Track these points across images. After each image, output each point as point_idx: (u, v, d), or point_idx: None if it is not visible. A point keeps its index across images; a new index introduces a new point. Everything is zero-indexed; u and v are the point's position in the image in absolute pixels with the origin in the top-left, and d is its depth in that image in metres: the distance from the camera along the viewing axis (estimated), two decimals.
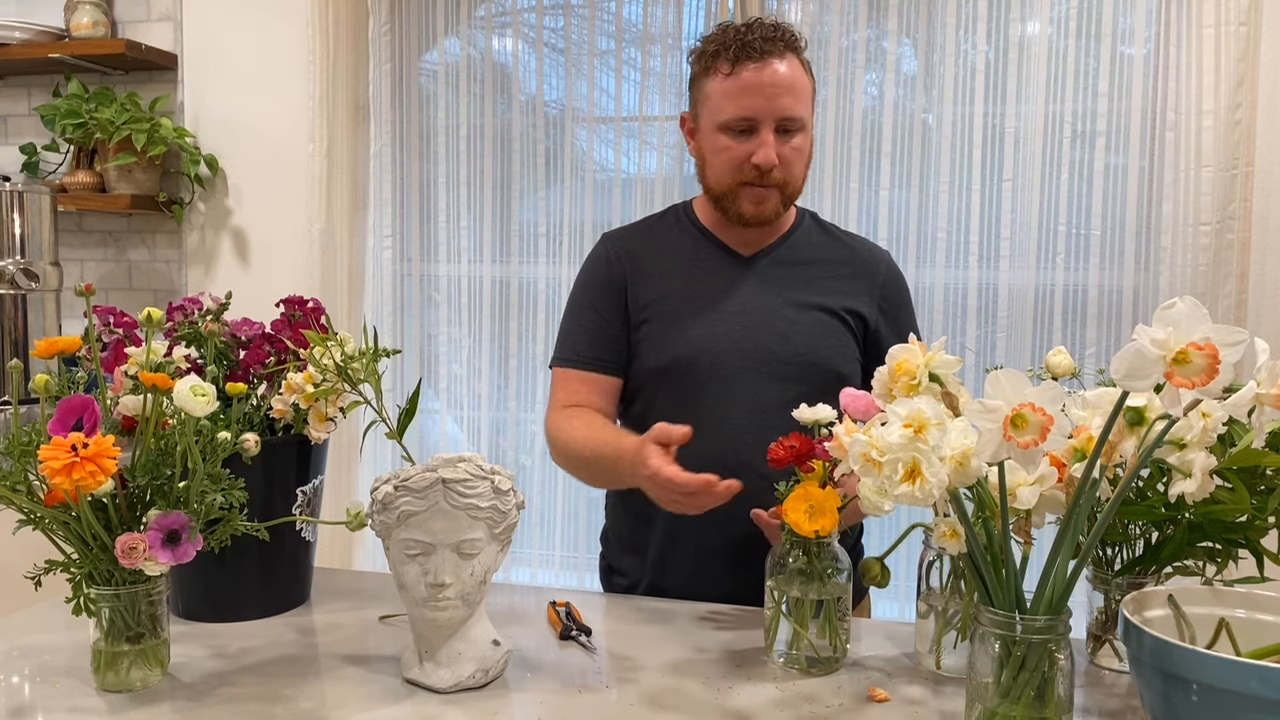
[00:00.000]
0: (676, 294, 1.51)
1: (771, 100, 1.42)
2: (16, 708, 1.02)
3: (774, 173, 1.44)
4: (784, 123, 1.43)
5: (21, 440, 0.98)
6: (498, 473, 1.05)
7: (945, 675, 1.10)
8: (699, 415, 1.42)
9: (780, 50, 1.43)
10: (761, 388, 1.45)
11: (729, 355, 1.46)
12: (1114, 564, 1.12)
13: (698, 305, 1.50)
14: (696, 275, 1.52)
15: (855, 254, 1.56)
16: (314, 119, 2.64)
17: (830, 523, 1.08)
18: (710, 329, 1.48)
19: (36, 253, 2.52)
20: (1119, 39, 2.29)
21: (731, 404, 1.46)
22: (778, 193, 1.47)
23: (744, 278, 1.52)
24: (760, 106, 1.42)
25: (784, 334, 1.47)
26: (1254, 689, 0.78)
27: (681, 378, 1.48)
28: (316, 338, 1.16)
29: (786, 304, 1.49)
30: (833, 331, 1.49)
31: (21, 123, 2.96)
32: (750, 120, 1.43)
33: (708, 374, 1.47)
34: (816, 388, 1.43)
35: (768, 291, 1.50)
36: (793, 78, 1.43)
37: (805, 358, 1.46)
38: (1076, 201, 2.34)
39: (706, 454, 1.39)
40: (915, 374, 0.91)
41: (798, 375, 1.45)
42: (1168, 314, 0.78)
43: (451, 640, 1.06)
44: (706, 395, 1.46)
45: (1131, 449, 0.88)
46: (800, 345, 1.47)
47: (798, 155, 1.46)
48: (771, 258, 1.53)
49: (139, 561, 0.97)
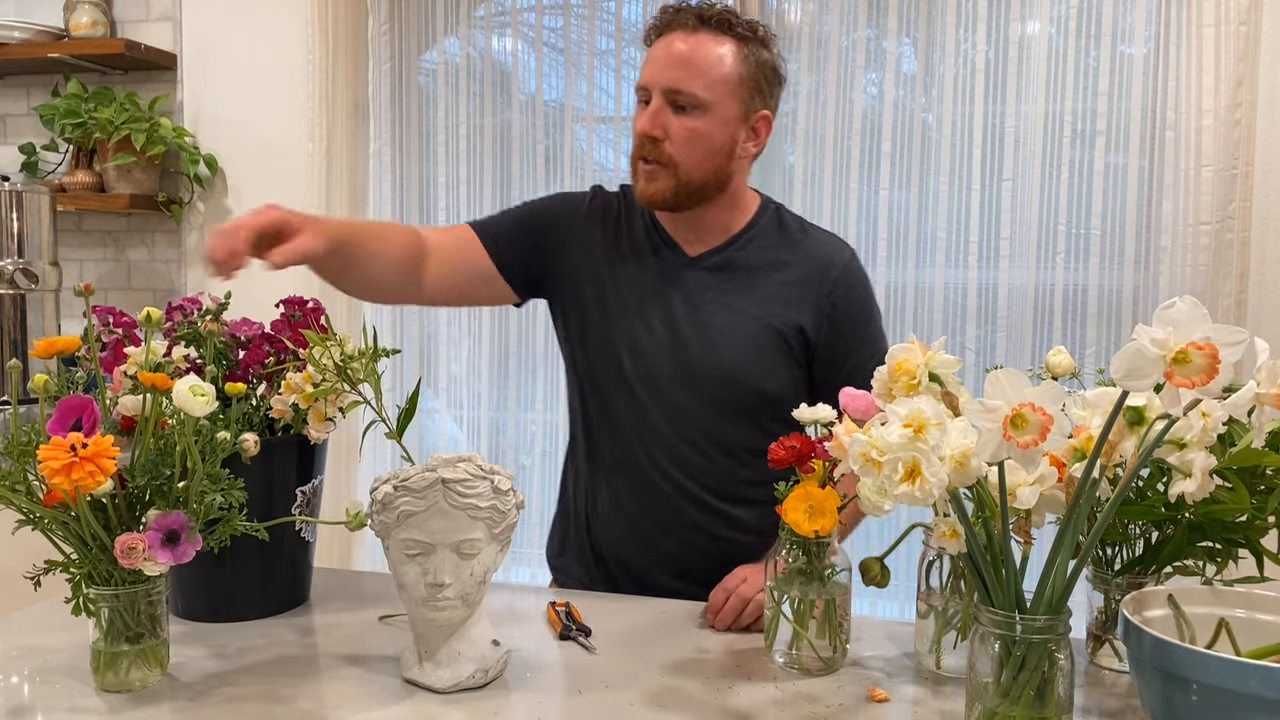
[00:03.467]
0: (613, 287, 1.47)
1: (661, 70, 1.36)
2: (16, 708, 1.02)
3: (662, 147, 1.37)
4: (672, 95, 1.36)
5: (21, 440, 0.98)
6: (497, 472, 1.05)
7: (945, 675, 1.10)
8: (621, 415, 1.46)
9: (689, 24, 1.36)
10: (684, 398, 1.43)
11: (653, 361, 1.43)
12: (1114, 564, 1.12)
13: (631, 304, 1.45)
14: (635, 271, 1.47)
15: (809, 257, 1.46)
16: (313, 119, 2.64)
17: (830, 523, 1.07)
18: (638, 332, 1.44)
19: (36, 253, 2.52)
20: (1119, 39, 2.29)
21: (652, 409, 1.44)
22: (669, 175, 1.38)
23: (683, 281, 1.45)
24: (650, 75, 1.37)
25: (713, 348, 1.42)
26: (1254, 689, 0.78)
27: (606, 376, 1.46)
28: (316, 338, 1.16)
29: (721, 315, 1.43)
30: (765, 349, 1.43)
31: (21, 122, 2.96)
32: (644, 89, 1.38)
33: (631, 376, 1.44)
34: (741, 404, 1.43)
35: (704, 300, 1.44)
36: (694, 53, 1.35)
37: (730, 376, 1.42)
38: (1076, 201, 2.34)
39: (624, 451, 1.46)
40: (915, 374, 0.91)
41: (721, 391, 1.42)
42: (1167, 314, 0.78)
43: (451, 640, 1.06)
44: (629, 397, 1.45)
45: (1131, 449, 0.88)
46: (726, 362, 1.42)
47: (692, 136, 1.36)
48: (716, 260, 1.46)
49: (138, 561, 0.96)
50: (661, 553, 1.46)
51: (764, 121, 1.43)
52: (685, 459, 1.44)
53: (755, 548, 1.40)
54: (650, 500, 1.45)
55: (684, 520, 1.45)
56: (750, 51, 1.38)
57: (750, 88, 1.39)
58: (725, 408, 1.43)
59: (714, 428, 1.44)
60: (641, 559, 1.47)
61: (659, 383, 1.43)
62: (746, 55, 1.38)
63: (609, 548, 1.50)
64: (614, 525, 1.49)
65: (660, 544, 1.46)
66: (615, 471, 1.48)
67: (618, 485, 1.48)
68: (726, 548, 1.42)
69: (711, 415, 1.43)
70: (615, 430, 1.47)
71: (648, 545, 1.46)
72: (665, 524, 1.45)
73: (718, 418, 1.43)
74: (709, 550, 1.44)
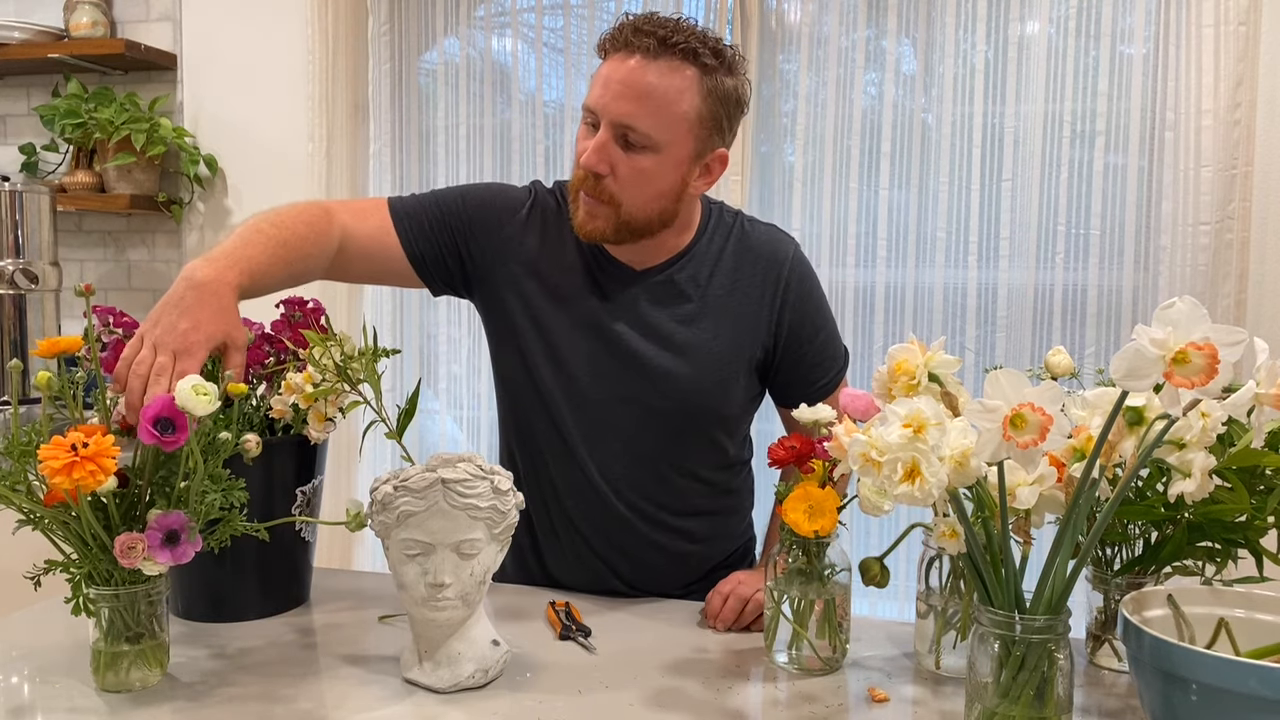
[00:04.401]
0: (553, 304, 1.37)
1: (614, 99, 1.22)
2: (16, 708, 1.02)
3: (605, 183, 1.26)
4: (624, 130, 1.23)
5: (21, 440, 0.98)
6: (497, 473, 1.05)
7: (945, 675, 1.10)
8: (571, 438, 1.38)
9: (652, 49, 1.22)
10: (636, 422, 1.36)
11: (604, 384, 1.35)
12: (1113, 564, 1.12)
13: (575, 322, 1.36)
14: (578, 288, 1.37)
15: (757, 257, 1.38)
16: (313, 119, 2.64)
17: (830, 523, 1.07)
18: (584, 353, 1.35)
19: (36, 253, 2.52)
20: (1118, 39, 2.30)
21: (603, 434, 1.36)
22: (610, 211, 1.27)
23: (629, 300, 1.36)
24: (601, 100, 1.24)
25: (664, 373, 1.34)
26: (1253, 689, 0.78)
27: (552, 398, 1.37)
28: (316, 338, 1.16)
29: (671, 334, 1.35)
30: (723, 364, 1.36)
31: (21, 123, 2.96)
32: (592, 111, 1.25)
33: (581, 399, 1.36)
34: (694, 427, 1.38)
35: (652, 320, 1.35)
36: (652, 86, 1.21)
37: (683, 401, 1.35)
38: (1076, 201, 2.34)
39: (576, 477, 1.38)
40: (915, 374, 0.91)
41: (674, 415, 1.36)
42: (1167, 314, 0.78)
43: (451, 640, 1.06)
44: (578, 420, 1.37)
45: (1131, 449, 0.88)
46: (680, 385, 1.34)
47: (640, 177, 1.25)
48: (664, 277, 1.37)
49: (138, 561, 0.97)
50: (612, 569, 1.41)
51: (719, 160, 1.31)
52: (639, 481, 1.38)
53: (703, 554, 1.43)
54: (603, 521, 1.39)
55: (640, 539, 1.40)
56: (714, 84, 1.25)
57: (709, 126, 1.27)
58: (682, 429, 1.37)
59: (669, 448, 1.38)
60: (591, 578, 1.41)
61: (611, 408, 1.36)
62: (710, 90, 1.25)
63: (558, 571, 1.44)
64: (561, 549, 1.42)
65: (612, 561, 1.41)
66: (566, 494, 1.40)
67: (568, 506, 1.40)
68: (675, 557, 1.43)
69: (667, 437, 1.37)
70: (562, 453, 1.38)
71: (601, 564, 1.41)
72: (620, 544, 1.40)
73: (673, 439, 1.37)
74: (658, 563, 1.42)
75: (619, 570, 1.41)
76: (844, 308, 2.49)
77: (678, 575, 1.44)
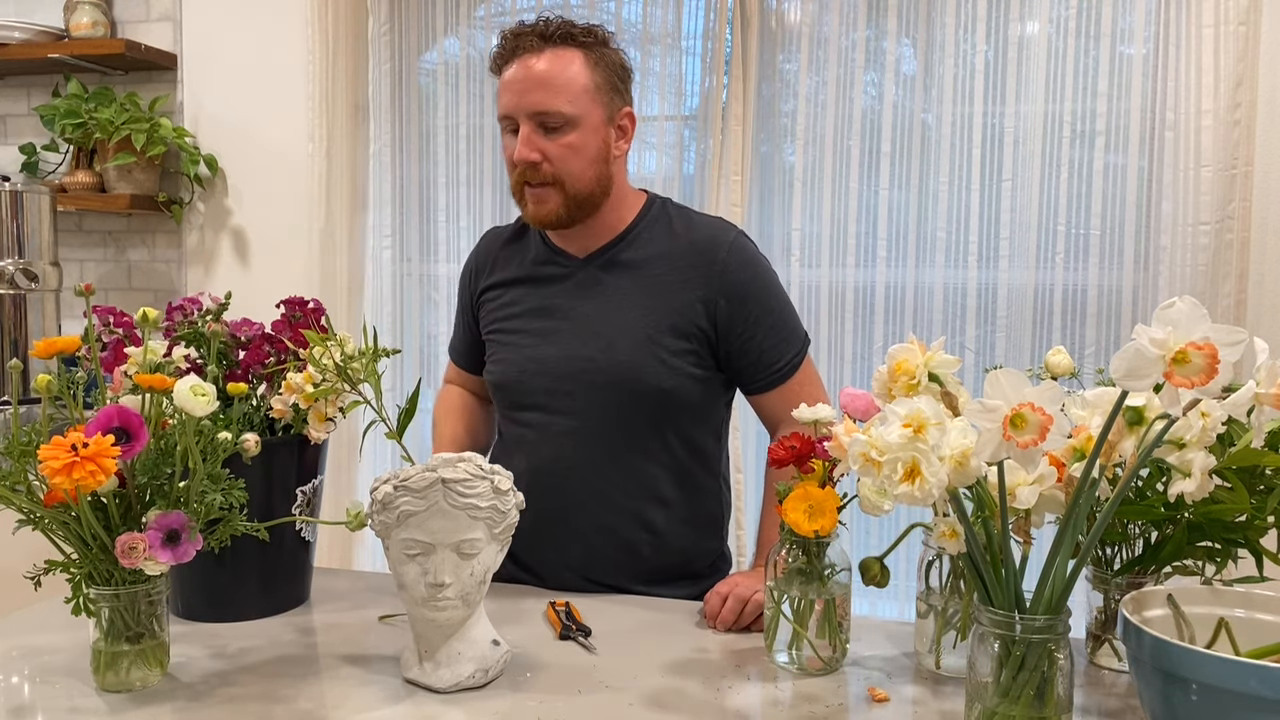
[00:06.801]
0: (513, 304, 1.52)
1: (522, 96, 1.38)
2: (16, 708, 1.02)
3: (542, 169, 1.39)
4: (540, 117, 1.38)
5: (21, 440, 0.98)
6: (497, 472, 1.05)
7: (945, 675, 1.10)
8: (529, 426, 1.48)
9: (534, 45, 1.38)
10: (586, 398, 1.44)
11: (553, 365, 1.45)
12: (1113, 564, 1.12)
13: (528, 316, 1.50)
14: (529, 284, 1.52)
15: (693, 247, 1.46)
16: (313, 119, 2.64)
17: (830, 523, 1.08)
18: (536, 341, 1.48)
19: (36, 253, 2.52)
20: (1118, 39, 2.30)
21: (557, 414, 1.45)
22: (556, 192, 1.41)
23: (574, 283, 1.49)
24: (512, 103, 1.39)
25: (607, 344, 1.43)
26: (1253, 689, 0.78)
27: (511, 390, 1.50)
28: (316, 338, 1.16)
29: (613, 312, 1.45)
30: (660, 343, 1.43)
31: (21, 123, 2.96)
32: (508, 118, 1.40)
33: (532, 385, 1.47)
34: (640, 401, 1.43)
35: (596, 298, 1.46)
36: (549, 72, 1.37)
37: (627, 371, 1.42)
38: (1076, 201, 2.34)
39: (536, 463, 1.46)
40: (915, 374, 0.91)
41: (620, 386, 1.42)
42: (1167, 313, 0.78)
43: (451, 640, 1.06)
44: (534, 406, 1.47)
45: (1131, 449, 0.88)
46: (621, 356, 1.42)
47: (569, 152, 1.39)
48: (604, 259, 1.48)
49: (139, 561, 0.97)
50: (568, 556, 1.44)
51: (628, 118, 1.46)
52: (594, 461, 1.44)
53: (657, 549, 1.45)
54: (560, 504, 1.44)
55: (595, 523, 1.44)
56: (598, 56, 1.41)
57: (608, 91, 1.42)
58: (629, 406, 1.43)
59: (619, 428, 1.44)
60: (548, 561, 1.45)
61: (562, 387, 1.44)
62: (596, 61, 1.41)
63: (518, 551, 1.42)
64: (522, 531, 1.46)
65: (568, 547, 1.45)
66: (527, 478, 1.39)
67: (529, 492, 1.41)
68: (632, 548, 1.45)
69: (614, 415, 1.43)
70: (524, 440, 1.48)
71: (557, 548, 1.45)
72: (576, 527, 1.44)
73: (623, 418, 1.43)
74: (613, 554, 1.44)
75: (574, 557, 1.44)
76: (844, 308, 2.49)
77: (631, 567, 1.44)
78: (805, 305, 2.50)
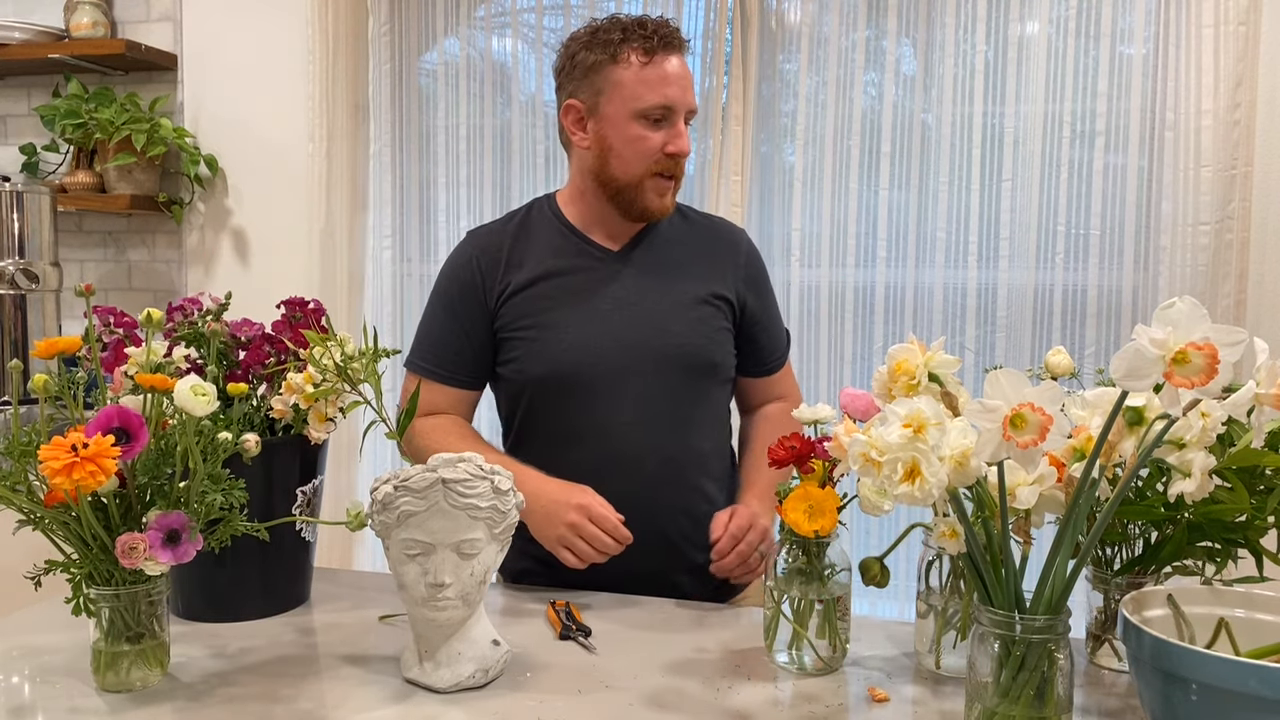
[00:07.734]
0: (549, 296, 1.48)
1: (685, 92, 1.45)
2: (16, 708, 1.02)
3: (681, 163, 1.47)
4: (689, 116, 1.47)
5: (21, 440, 0.98)
6: (497, 472, 1.05)
7: (945, 675, 1.10)
8: (587, 418, 1.47)
9: (678, 44, 1.46)
10: (645, 383, 1.46)
11: (609, 354, 1.46)
12: (1113, 564, 1.12)
13: (572, 307, 1.48)
14: (568, 275, 1.50)
15: (717, 235, 1.59)
16: (314, 119, 2.64)
17: (830, 523, 1.08)
18: (588, 330, 1.46)
19: (36, 253, 2.52)
20: (1118, 39, 2.30)
21: (618, 403, 1.45)
22: (676, 185, 1.49)
23: (616, 273, 1.51)
24: (677, 96, 1.44)
25: (660, 325, 1.48)
26: (1253, 689, 0.78)
27: (564, 383, 1.46)
28: (317, 338, 1.16)
29: (661, 294, 1.50)
30: (706, 318, 1.51)
31: (21, 123, 2.96)
32: (668, 109, 1.43)
33: (590, 376, 1.45)
34: (695, 376, 1.49)
35: (641, 284, 1.50)
36: (689, 74, 1.48)
37: (683, 347, 1.48)
38: (1075, 201, 2.34)
39: (600, 455, 1.45)
40: (915, 374, 0.91)
41: (677, 365, 1.47)
42: (1167, 314, 0.78)
43: (451, 640, 1.06)
44: (592, 397, 1.46)
45: (1131, 449, 0.88)
46: (677, 335, 1.48)
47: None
48: (640, 248, 1.53)
49: (139, 561, 0.97)
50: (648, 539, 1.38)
51: None
52: (660, 445, 1.46)
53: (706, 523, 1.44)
54: (629, 493, 1.38)
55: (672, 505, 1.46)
56: None
57: None
58: (684, 384, 1.48)
59: (678, 406, 1.48)
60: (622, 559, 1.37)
61: (620, 374, 1.45)
62: None
63: None
64: None
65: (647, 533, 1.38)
66: (586, 475, 1.40)
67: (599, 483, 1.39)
68: (697, 522, 1.44)
69: (673, 395, 1.48)
70: (581, 435, 1.46)
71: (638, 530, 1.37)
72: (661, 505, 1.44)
73: (680, 395, 1.48)
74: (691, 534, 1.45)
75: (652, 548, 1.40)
76: (844, 308, 2.49)
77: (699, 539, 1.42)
78: (805, 305, 2.51)
